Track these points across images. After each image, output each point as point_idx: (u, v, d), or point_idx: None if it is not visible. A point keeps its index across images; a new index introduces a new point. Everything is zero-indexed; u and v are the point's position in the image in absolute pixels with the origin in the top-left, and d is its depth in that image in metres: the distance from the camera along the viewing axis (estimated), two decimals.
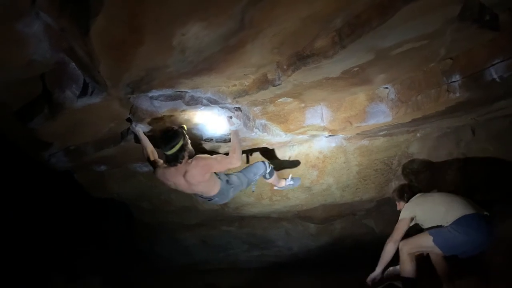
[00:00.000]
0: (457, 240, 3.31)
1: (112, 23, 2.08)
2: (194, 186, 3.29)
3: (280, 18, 2.21)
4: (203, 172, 3.17)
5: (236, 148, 3.28)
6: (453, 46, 2.69)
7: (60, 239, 6.32)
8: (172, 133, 3.12)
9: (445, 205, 3.52)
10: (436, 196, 3.73)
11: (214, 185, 3.38)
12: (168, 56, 2.43)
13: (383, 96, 3.39)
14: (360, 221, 5.79)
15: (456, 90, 2.92)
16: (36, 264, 5.83)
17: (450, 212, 3.44)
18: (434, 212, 3.56)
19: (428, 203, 3.68)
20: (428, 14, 2.23)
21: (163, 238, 6.42)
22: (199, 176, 3.19)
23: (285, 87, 3.00)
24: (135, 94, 2.97)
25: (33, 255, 5.92)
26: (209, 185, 3.35)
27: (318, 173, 4.51)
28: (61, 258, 6.14)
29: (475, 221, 3.32)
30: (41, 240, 6.16)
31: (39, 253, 6.02)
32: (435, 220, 3.53)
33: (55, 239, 6.27)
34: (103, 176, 4.61)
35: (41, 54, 2.55)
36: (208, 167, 3.18)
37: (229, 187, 3.50)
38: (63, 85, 2.85)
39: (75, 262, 6.19)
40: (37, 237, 6.15)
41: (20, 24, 2.27)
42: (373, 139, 4.20)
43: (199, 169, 3.14)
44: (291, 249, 6.47)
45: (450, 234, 3.34)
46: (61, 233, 6.36)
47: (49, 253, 6.10)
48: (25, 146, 3.82)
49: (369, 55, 2.68)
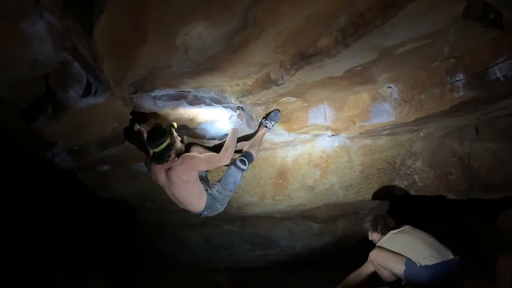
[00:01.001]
0: (424, 281, 3.36)
1: (115, 23, 2.09)
2: (177, 188, 3.23)
3: (283, 17, 2.21)
4: (188, 172, 3.12)
5: (229, 147, 3.25)
6: (457, 45, 2.68)
7: (65, 238, 6.34)
8: (160, 131, 3.10)
9: (420, 246, 3.55)
10: (411, 236, 3.73)
11: (200, 198, 3.34)
12: (171, 56, 2.44)
13: (386, 95, 3.38)
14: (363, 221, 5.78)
15: (460, 89, 2.91)
16: (42, 263, 5.86)
17: (424, 253, 3.46)
18: (409, 248, 3.59)
19: (403, 242, 3.70)
20: (432, 12, 2.22)
21: (167, 237, 6.42)
22: (184, 175, 3.13)
23: (288, 86, 3.00)
24: (138, 94, 2.97)
25: (38, 254, 5.95)
26: (194, 195, 3.30)
27: (321, 173, 4.50)
28: (66, 257, 6.17)
29: (447, 269, 3.37)
30: (46, 239, 6.18)
31: (45, 252, 6.05)
32: (409, 254, 3.54)
33: (60, 238, 6.30)
34: (107, 175, 4.62)
35: (45, 54, 2.55)
36: (195, 165, 3.14)
37: (214, 202, 3.46)
38: (67, 85, 2.85)
39: (80, 261, 6.21)
40: (43, 236, 6.17)
41: (24, 23, 2.27)
42: (376, 138, 4.19)
43: (183, 167, 3.11)
44: (294, 249, 6.46)
45: (420, 273, 3.38)
46: (66, 232, 6.38)
47: (54, 252, 6.13)
48: (29, 146, 3.84)
49: (373, 54, 2.67)
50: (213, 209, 3.51)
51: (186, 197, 3.32)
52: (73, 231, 6.45)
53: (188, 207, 3.42)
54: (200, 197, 3.34)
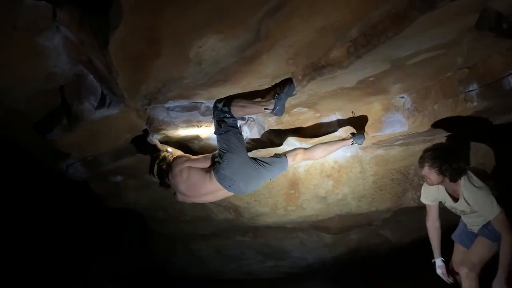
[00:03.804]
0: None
1: (130, 36, 2.13)
2: (190, 186, 3.14)
3: (295, 29, 2.22)
4: (180, 168, 3.10)
5: None
6: (470, 55, 2.67)
7: (77, 248, 6.38)
8: (150, 162, 3.24)
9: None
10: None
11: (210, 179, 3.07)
12: (184, 68, 2.47)
13: (399, 105, 3.37)
14: (377, 232, 5.71)
15: (474, 99, 2.90)
16: (53, 272, 5.90)
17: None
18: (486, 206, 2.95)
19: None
20: (445, 23, 2.21)
21: (178, 248, 6.42)
22: (184, 172, 3.10)
23: (300, 97, 3.01)
24: (152, 105, 3.00)
25: (50, 263, 5.99)
26: (204, 180, 3.08)
27: (333, 183, 4.47)
28: (78, 267, 6.21)
29: None
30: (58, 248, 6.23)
31: (56, 261, 6.09)
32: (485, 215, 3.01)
33: (72, 248, 6.34)
34: (119, 186, 4.65)
35: (61, 66, 2.61)
36: (183, 162, 3.12)
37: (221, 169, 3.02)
38: (82, 97, 2.91)
39: (91, 271, 6.24)
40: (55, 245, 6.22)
41: (41, 37, 2.34)
42: (389, 148, 4.16)
43: (179, 166, 3.10)
44: (306, 260, 6.41)
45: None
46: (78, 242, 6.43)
47: (65, 261, 6.17)
48: (43, 157, 3.89)
49: (385, 65, 2.67)
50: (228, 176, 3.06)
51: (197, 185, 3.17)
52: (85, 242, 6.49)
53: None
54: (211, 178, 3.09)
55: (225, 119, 2.89)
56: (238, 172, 2.98)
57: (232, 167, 2.93)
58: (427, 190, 3.29)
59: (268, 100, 2.92)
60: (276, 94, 2.89)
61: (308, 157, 3.41)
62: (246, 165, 3.00)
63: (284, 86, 2.87)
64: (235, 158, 2.92)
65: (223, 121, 2.89)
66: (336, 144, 3.45)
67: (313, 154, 3.39)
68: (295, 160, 3.32)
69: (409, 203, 4.74)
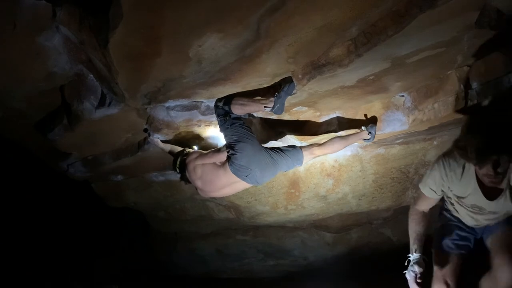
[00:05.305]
0: None
1: (130, 36, 2.13)
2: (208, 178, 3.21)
3: (295, 28, 2.22)
4: (193, 165, 3.19)
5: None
6: (470, 53, 2.67)
7: (79, 248, 6.40)
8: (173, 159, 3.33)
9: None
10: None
11: (226, 172, 3.11)
12: (185, 67, 2.47)
13: (399, 104, 3.37)
14: (377, 230, 5.71)
15: (474, 97, 2.89)
16: (56, 272, 5.91)
17: None
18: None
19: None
20: (445, 21, 2.21)
21: (179, 247, 6.42)
22: (201, 167, 3.20)
23: (300, 96, 3.01)
24: (152, 105, 3.00)
25: (52, 264, 6.00)
26: (217, 174, 3.15)
27: (333, 182, 4.47)
28: (80, 267, 6.22)
29: None
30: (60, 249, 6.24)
31: (59, 262, 6.10)
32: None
33: (74, 248, 6.35)
34: (120, 186, 4.65)
35: (61, 66, 2.61)
36: (195, 159, 3.21)
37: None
38: (82, 97, 2.91)
39: (94, 271, 6.25)
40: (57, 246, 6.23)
41: (41, 37, 2.34)
42: (389, 147, 4.16)
43: (192, 163, 3.19)
44: (307, 259, 6.40)
45: None
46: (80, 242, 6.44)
47: (68, 262, 6.18)
48: (44, 156, 3.90)
49: (385, 64, 2.67)
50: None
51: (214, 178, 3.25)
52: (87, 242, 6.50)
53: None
54: (226, 171, 3.14)
55: (227, 116, 2.97)
56: (253, 160, 3.02)
57: (246, 156, 2.98)
58: (436, 177, 2.43)
59: (268, 99, 2.93)
60: (276, 92, 2.90)
61: (325, 152, 3.42)
62: (259, 152, 3.06)
63: (284, 85, 2.87)
64: (247, 146, 2.97)
65: (226, 117, 2.99)
66: (352, 137, 3.43)
67: (330, 148, 3.39)
68: (313, 154, 3.32)
69: (410, 202, 4.73)
